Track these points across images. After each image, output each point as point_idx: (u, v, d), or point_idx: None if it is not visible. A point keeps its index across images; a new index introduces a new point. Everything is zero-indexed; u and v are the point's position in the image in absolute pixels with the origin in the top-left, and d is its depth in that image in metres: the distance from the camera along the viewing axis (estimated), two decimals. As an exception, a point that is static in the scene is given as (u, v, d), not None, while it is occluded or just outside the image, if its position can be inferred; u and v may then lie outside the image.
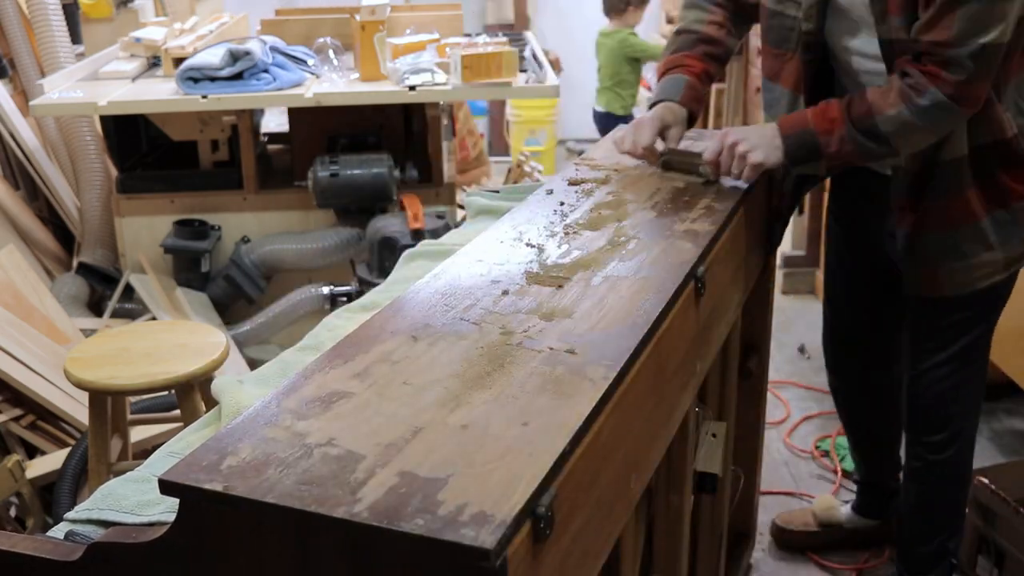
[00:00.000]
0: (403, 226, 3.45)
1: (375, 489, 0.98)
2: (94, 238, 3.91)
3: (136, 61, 3.86)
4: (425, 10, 4.37)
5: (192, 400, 2.33)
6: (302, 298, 3.62)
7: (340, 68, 3.76)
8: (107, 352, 2.38)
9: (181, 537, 1.04)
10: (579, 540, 1.14)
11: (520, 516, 0.95)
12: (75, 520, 1.28)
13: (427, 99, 3.59)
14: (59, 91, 3.57)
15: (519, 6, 6.66)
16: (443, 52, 3.63)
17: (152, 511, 1.26)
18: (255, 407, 1.15)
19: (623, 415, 1.27)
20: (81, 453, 2.66)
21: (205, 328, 2.58)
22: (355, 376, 1.22)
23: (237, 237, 3.73)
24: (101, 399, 2.34)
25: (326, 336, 1.73)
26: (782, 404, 3.45)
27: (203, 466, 1.03)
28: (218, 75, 3.47)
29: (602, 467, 1.20)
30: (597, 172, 2.04)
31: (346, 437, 1.08)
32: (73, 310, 3.56)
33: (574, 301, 1.43)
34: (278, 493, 0.98)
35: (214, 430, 1.39)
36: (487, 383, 1.19)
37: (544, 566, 1.03)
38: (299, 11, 4.81)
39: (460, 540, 0.91)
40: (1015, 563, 2.29)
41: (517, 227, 1.74)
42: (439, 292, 1.47)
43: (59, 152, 4.06)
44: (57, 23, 3.94)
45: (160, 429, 2.82)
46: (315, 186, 3.58)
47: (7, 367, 2.87)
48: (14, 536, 1.17)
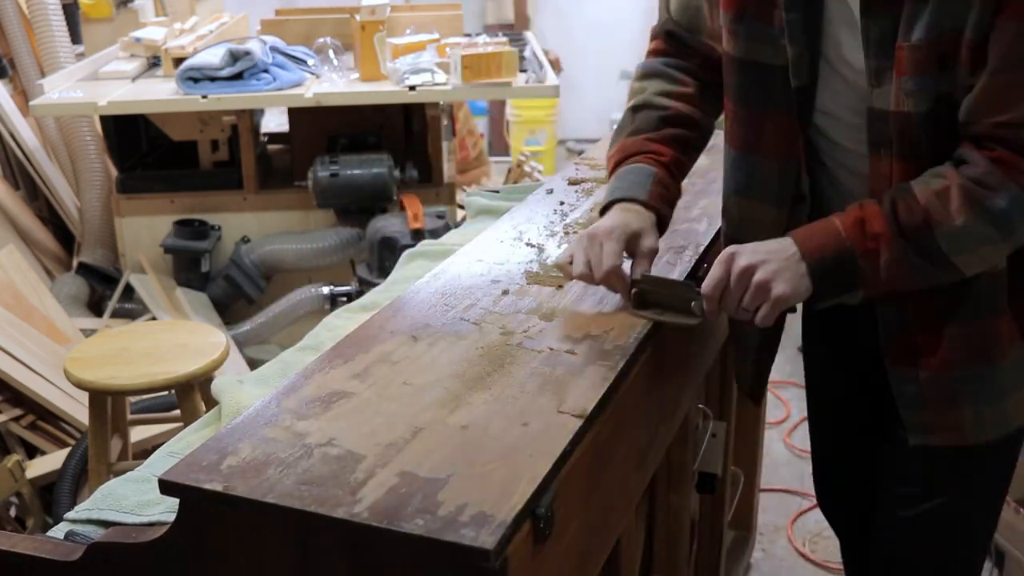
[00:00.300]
0: (403, 226, 3.45)
1: (375, 489, 0.98)
2: (94, 238, 3.91)
3: (136, 61, 3.86)
4: (425, 10, 4.37)
5: (192, 400, 2.33)
6: (302, 298, 3.62)
7: (340, 68, 3.76)
8: (107, 352, 2.38)
9: (181, 537, 1.04)
10: (579, 540, 1.14)
11: (520, 516, 0.96)
12: (75, 520, 1.28)
13: (427, 99, 3.59)
14: (59, 91, 3.57)
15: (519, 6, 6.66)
16: (443, 52, 3.63)
17: (152, 511, 1.26)
18: (255, 407, 1.15)
19: (623, 415, 1.27)
20: (81, 453, 2.66)
21: (205, 328, 2.58)
22: (355, 376, 1.22)
23: (237, 237, 3.73)
24: (101, 399, 2.34)
25: (326, 336, 1.73)
26: (782, 404, 3.45)
27: (203, 466, 1.03)
28: (218, 75, 3.47)
29: (602, 467, 1.20)
30: (597, 172, 2.04)
31: (346, 437, 1.08)
32: (73, 310, 3.56)
33: (574, 301, 1.43)
34: (278, 493, 0.98)
35: (214, 430, 1.39)
36: (487, 383, 1.19)
37: (544, 566, 1.03)
38: (299, 11, 4.81)
39: (460, 540, 0.91)
40: (1015, 563, 2.29)
41: (517, 227, 1.74)
42: (439, 292, 1.47)
43: (59, 152, 4.06)
44: (57, 23, 3.94)
45: (160, 429, 2.82)
46: (315, 186, 3.58)
47: (7, 367, 2.87)
48: (14, 536, 1.17)
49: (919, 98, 1.29)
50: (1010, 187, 1.25)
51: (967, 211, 1.27)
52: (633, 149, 1.52)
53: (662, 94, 1.55)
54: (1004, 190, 1.25)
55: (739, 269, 1.33)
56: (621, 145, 1.54)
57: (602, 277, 1.39)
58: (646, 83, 1.58)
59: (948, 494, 1.54)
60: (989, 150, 1.26)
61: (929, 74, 1.27)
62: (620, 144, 1.55)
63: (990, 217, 1.27)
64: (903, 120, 1.31)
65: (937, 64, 1.26)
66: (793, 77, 1.40)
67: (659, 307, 1.39)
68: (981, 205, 1.26)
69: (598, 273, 1.39)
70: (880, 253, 1.30)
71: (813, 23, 1.37)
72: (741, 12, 1.42)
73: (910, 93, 1.29)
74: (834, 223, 1.34)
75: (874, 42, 1.31)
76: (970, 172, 1.27)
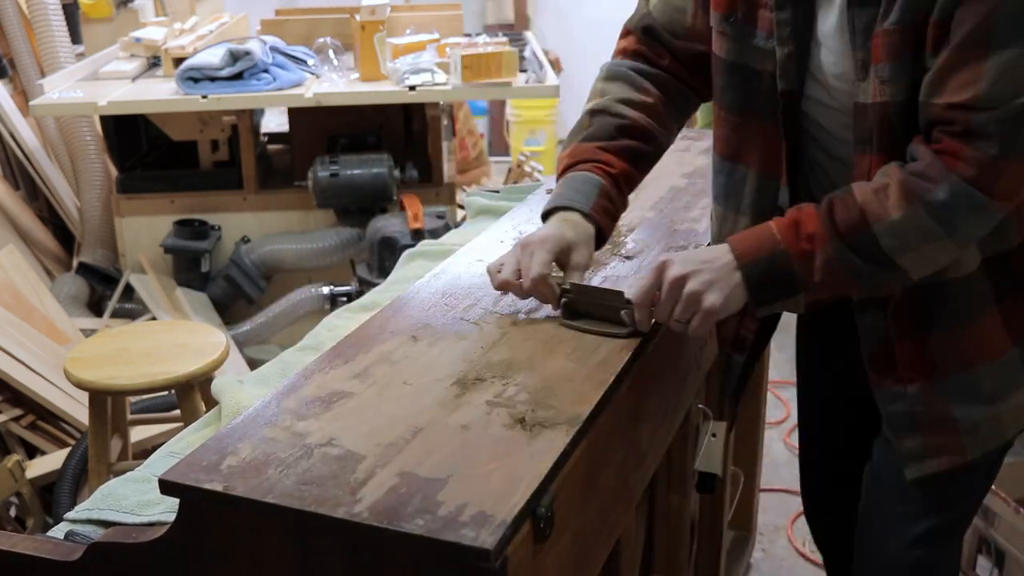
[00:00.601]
0: (403, 226, 3.45)
1: (375, 489, 0.98)
2: (94, 238, 3.91)
3: (136, 61, 3.86)
4: (425, 10, 4.37)
5: (192, 400, 2.33)
6: (302, 298, 3.62)
7: (340, 68, 3.76)
8: (107, 352, 2.38)
9: (181, 537, 1.04)
10: (579, 540, 1.14)
11: (520, 516, 0.96)
12: (75, 520, 1.28)
13: (427, 99, 3.59)
14: (59, 91, 3.58)
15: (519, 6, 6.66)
16: (443, 52, 3.63)
17: (152, 511, 1.26)
18: (255, 407, 1.15)
19: (624, 415, 1.27)
20: (81, 453, 2.66)
21: (205, 328, 2.58)
22: (355, 376, 1.22)
23: (237, 237, 3.73)
24: (101, 399, 2.34)
25: (326, 336, 1.73)
26: (782, 404, 3.45)
27: (203, 466, 1.03)
28: (218, 75, 3.47)
29: (602, 467, 1.20)
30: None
31: (346, 437, 1.08)
32: (73, 310, 3.56)
33: (574, 301, 1.43)
34: (278, 493, 0.98)
35: (214, 430, 1.39)
36: (487, 383, 1.19)
37: (544, 566, 1.03)
38: (299, 11, 4.81)
39: (460, 540, 0.91)
40: (1015, 563, 2.29)
41: (517, 227, 1.74)
42: (439, 292, 1.47)
43: (59, 152, 4.06)
44: (57, 23, 3.94)
45: (160, 429, 2.82)
46: (315, 186, 3.58)
47: (7, 367, 2.87)
48: (14, 536, 1.17)
49: (895, 86, 1.24)
50: (951, 178, 1.20)
51: (905, 205, 1.21)
52: (584, 156, 1.46)
53: (623, 101, 1.49)
54: (944, 181, 1.20)
55: (670, 279, 1.29)
56: (573, 149, 1.48)
57: (530, 286, 1.34)
58: (608, 86, 1.52)
59: (939, 512, 1.49)
60: (937, 142, 1.22)
61: (903, 59, 1.23)
62: (572, 148, 1.49)
63: (930, 210, 1.21)
64: (881, 110, 1.26)
65: (911, 49, 1.22)
66: (780, 80, 1.35)
67: (590, 317, 1.35)
68: (920, 198, 1.21)
69: (526, 281, 1.35)
70: (815, 254, 1.25)
71: (803, 23, 1.33)
72: (731, 11, 1.38)
73: (886, 81, 1.24)
74: (769, 227, 1.30)
75: (860, 32, 1.27)
76: (913, 167, 1.23)
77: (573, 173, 1.45)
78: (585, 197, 1.42)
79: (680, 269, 1.28)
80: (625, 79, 1.51)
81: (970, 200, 1.20)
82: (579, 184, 1.44)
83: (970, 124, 1.18)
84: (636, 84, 1.51)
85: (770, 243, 1.28)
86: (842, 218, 1.25)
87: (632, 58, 1.54)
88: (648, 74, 1.52)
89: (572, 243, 1.38)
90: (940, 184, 1.20)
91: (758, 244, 1.28)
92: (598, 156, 1.45)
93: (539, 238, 1.37)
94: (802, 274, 1.26)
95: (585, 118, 1.51)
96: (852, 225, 1.24)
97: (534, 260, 1.35)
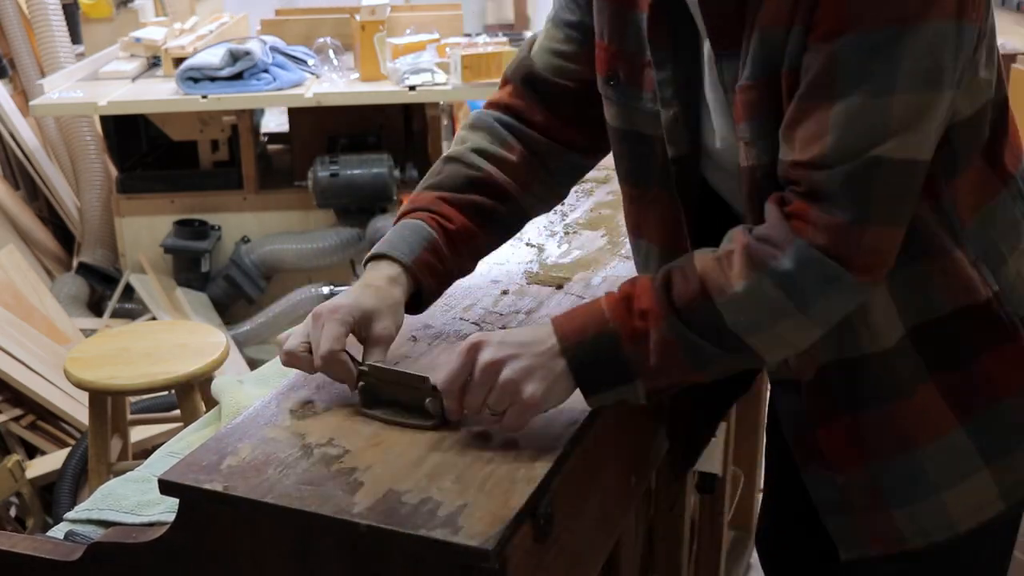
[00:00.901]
0: (403, 226, 3.45)
1: (375, 489, 0.98)
2: (94, 238, 3.91)
3: (136, 61, 3.86)
4: (425, 10, 4.37)
5: (192, 400, 2.33)
6: (302, 298, 3.62)
7: (340, 68, 3.76)
8: (107, 352, 2.38)
9: (181, 537, 1.04)
10: (579, 540, 1.14)
11: (520, 516, 0.96)
12: (75, 520, 1.28)
13: (427, 99, 3.59)
14: (59, 91, 3.58)
15: (519, 6, 6.67)
16: (443, 52, 3.63)
17: (152, 511, 1.26)
18: (255, 407, 1.15)
19: (623, 415, 1.27)
20: (81, 453, 2.66)
21: (205, 328, 2.58)
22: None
23: (237, 237, 3.73)
24: (101, 399, 2.34)
25: (326, 336, 1.72)
26: (782, 404, 3.44)
27: (203, 466, 1.03)
28: (218, 75, 3.47)
29: (602, 467, 1.20)
30: (597, 171, 2.03)
31: (346, 437, 1.08)
32: (73, 310, 3.56)
33: (574, 301, 1.43)
34: (278, 493, 0.98)
35: (214, 430, 1.39)
36: (487, 383, 1.19)
37: (544, 566, 1.03)
38: (299, 11, 4.81)
39: (460, 540, 0.91)
40: (1015, 563, 2.29)
41: (517, 227, 1.74)
42: (439, 292, 1.46)
43: (59, 152, 4.06)
44: (57, 23, 3.95)
45: (160, 429, 2.82)
46: (315, 186, 3.58)
47: (7, 367, 2.87)
48: (14, 536, 1.17)
49: (758, 148, 1.09)
50: (797, 244, 1.02)
51: (748, 274, 1.04)
52: (422, 204, 1.28)
53: (479, 152, 1.30)
54: (790, 247, 1.02)
55: (483, 364, 1.07)
56: (415, 197, 1.31)
57: (319, 364, 1.13)
58: (469, 134, 1.33)
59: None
60: (788, 203, 1.05)
61: (762, 118, 1.08)
62: (415, 195, 1.31)
63: (775, 281, 1.03)
64: (750, 175, 1.11)
65: (769, 105, 1.07)
66: (670, 145, 1.19)
67: (393, 404, 1.13)
68: (765, 267, 1.03)
69: (316, 359, 1.13)
70: (649, 334, 1.06)
71: (687, 82, 1.18)
72: (611, 73, 1.24)
73: (748, 142, 1.09)
74: (599, 303, 1.10)
75: (730, 89, 1.11)
76: (759, 231, 1.06)
77: (405, 220, 1.27)
78: (409, 248, 1.23)
79: (494, 353, 1.08)
80: (488, 130, 1.33)
81: (821, 270, 1.03)
82: (407, 234, 1.25)
83: (818, 184, 1.02)
84: (499, 137, 1.32)
85: (598, 322, 1.08)
86: (680, 291, 1.06)
87: (503, 111, 1.35)
88: (515, 129, 1.33)
89: (372, 312, 1.17)
90: (786, 251, 1.03)
91: (584, 324, 1.09)
92: (437, 207, 1.27)
93: (329, 308, 1.16)
94: (636, 358, 1.07)
95: (439, 164, 1.33)
96: (691, 299, 1.06)
97: (323, 334, 1.13)
